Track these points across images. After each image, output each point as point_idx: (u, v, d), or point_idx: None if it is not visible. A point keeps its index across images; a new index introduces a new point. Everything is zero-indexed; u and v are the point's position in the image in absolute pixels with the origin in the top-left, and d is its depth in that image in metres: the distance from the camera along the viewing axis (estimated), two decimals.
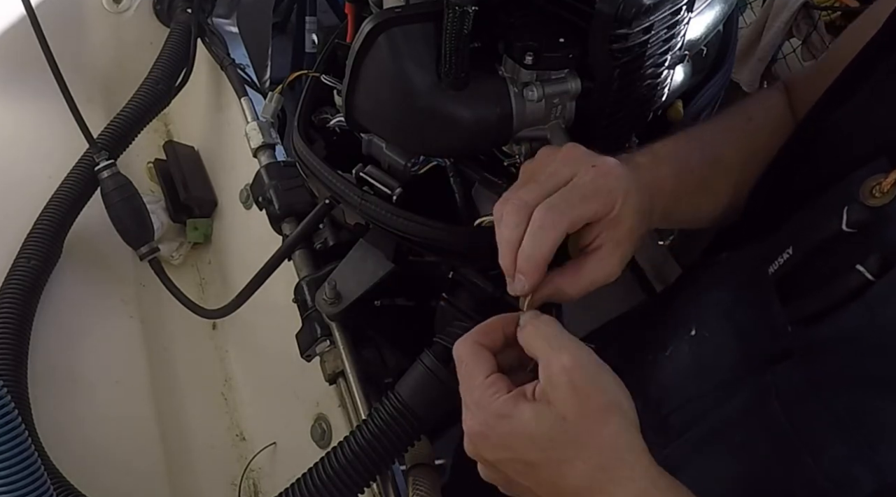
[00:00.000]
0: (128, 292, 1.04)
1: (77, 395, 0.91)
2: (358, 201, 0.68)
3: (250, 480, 0.92)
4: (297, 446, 0.84)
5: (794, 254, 0.52)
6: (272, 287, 0.82)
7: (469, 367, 0.49)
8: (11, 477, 0.55)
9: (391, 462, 0.64)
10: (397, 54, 0.59)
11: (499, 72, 0.61)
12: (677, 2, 0.59)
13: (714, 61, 0.78)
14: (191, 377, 1.01)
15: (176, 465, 0.92)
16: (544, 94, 0.60)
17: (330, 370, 0.76)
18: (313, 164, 0.72)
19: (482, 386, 0.48)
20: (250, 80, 1.09)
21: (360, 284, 0.73)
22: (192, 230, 1.11)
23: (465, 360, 0.50)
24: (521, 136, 0.63)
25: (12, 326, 0.84)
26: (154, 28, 1.18)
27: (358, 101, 0.64)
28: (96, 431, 0.89)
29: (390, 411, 0.62)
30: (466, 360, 0.50)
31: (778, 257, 0.53)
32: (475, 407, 0.48)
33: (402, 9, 0.61)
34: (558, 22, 0.58)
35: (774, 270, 0.54)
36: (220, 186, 1.13)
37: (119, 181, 0.95)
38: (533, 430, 0.45)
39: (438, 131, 0.62)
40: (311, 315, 0.77)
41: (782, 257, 0.53)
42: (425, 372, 0.62)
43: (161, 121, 1.21)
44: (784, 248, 0.53)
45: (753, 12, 1.88)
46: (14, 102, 1.09)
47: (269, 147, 0.96)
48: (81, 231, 0.98)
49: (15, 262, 0.90)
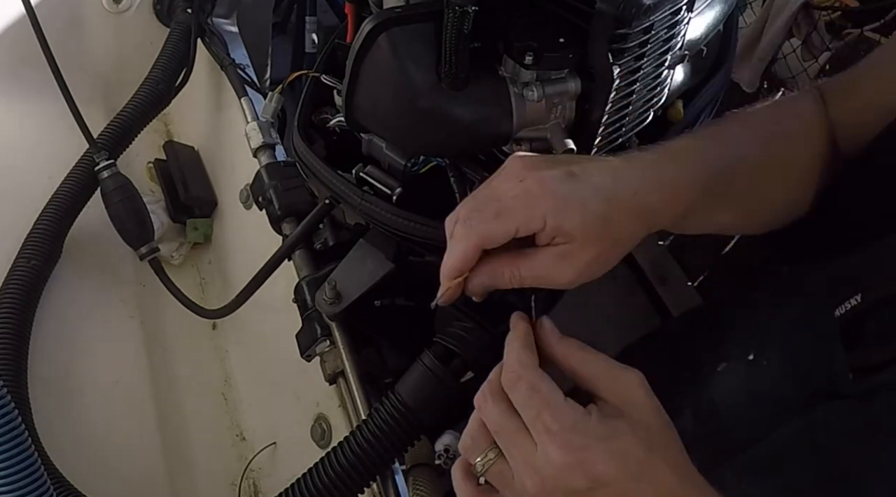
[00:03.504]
0: (128, 292, 1.04)
1: (77, 396, 0.91)
2: (358, 201, 0.68)
3: (250, 480, 0.92)
4: (297, 446, 0.84)
5: (862, 302, 0.51)
6: (272, 287, 0.82)
7: (546, 390, 0.46)
8: (11, 477, 0.55)
9: (391, 462, 0.64)
10: (397, 54, 0.59)
11: (499, 72, 0.61)
12: (677, 2, 0.59)
13: (714, 61, 0.78)
14: (191, 377, 1.01)
15: (176, 465, 0.92)
16: (544, 94, 0.60)
17: (330, 370, 0.76)
18: (313, 164, 0.72)
19: (570, 408, 0.45)
20: (250, 80, 1.09)
21: (360, 284, 0.73)
22: (192, 230, 1.11)
23: (537, 384, 0.46)
24: (521, 136, 0.63)
25: (12, 326, 0.84)
26: (154, 28, 1.18)
27: (358, 101, 0.64)
28: (96, 431, 0.89)
29: (390, 411, 0.62)
30: (538, 385, 0.46)
31: (846, 301, 0.52)
32: (568, 431, 0.44)
33: (402, 9, 0.61)
34: (558, 22, 0.58)
35: (841, 314, 0.53)
36: (220, 186, 1.13)
37: (119, 181, 0.95)
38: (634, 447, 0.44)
39: (438, 131, 0.62)
40: (311, 315, 0.77)
41: (850, 303, 0.52)
42: (425, 372, 0.62)
43: (161, 121, 1.21)
44: (852, 293, 0.52)
45: (753, 12, 1.89)
46: (14, 102, 1.09)
47: (269, 147, 0.96)
48: (81, 231, 0.99)
49: (15, 262, 0.90)
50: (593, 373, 0.47)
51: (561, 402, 0.45)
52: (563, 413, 0.45)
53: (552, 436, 0.44)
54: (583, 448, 0.44)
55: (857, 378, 0.51)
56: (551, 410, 0.45)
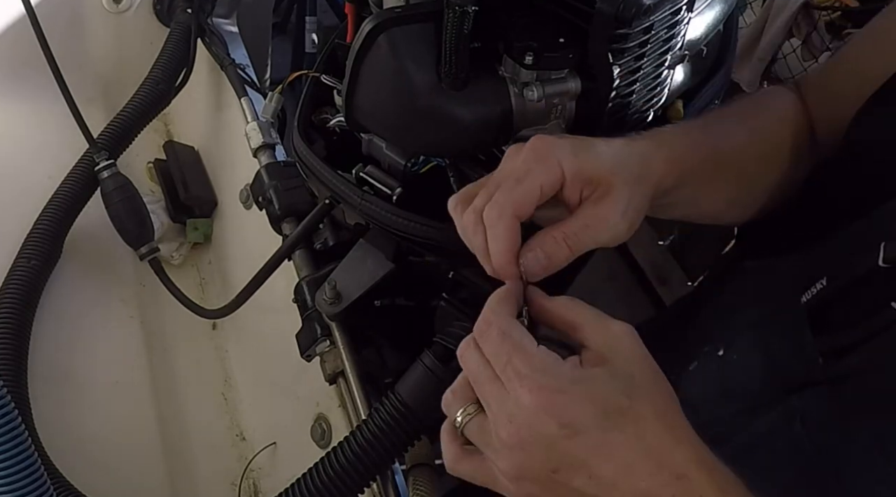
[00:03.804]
0: (128, 292, 1.04)
1: (77, 395, 0.91)
2: (358, 201, 0.68)
3: (250, 480, 0.92)
4: (297, 446, 0.84)
5: (828, 285, 0.52)
6: (272, 287, 0.82)
7: (517, 335, 0.44)
8: (11, 477, 0.55)
9: (391, 462, 0.64)
10: (397, 54, 0.59)
11: (499, 72, 0.61)
12: (677, 2, 0.59)
13: (714, 61, 0.78)
14: (191, 377, 1.01)
15: (176, 465, 0.92)
16: (544, 94, 0.60)
17: (330, 370, 0.76)
18: (313, 164, 0.72)
19: (542, 353, 0.44)
20: (250, 80, 1.09)
21: (360, 284, 0.73)
22: (192, 230, 1.11)
23: (510, 332, 0.44)
24: (522, 135, 0.63)
25: (12, 326, 0.84)
26: (154, 28, 1.18)
27: (358, 101, 0.64)
28: (96, 431, 0.89)
29: (390, 411, 0.62)
30: (512, 332, 0.44)
31: (811, 287, 0.53)
32: (538, 373, 0.42)
33: (402, 9, 0.61)
34: (558, 22, 0.58)
35: (807, 300, 0.53)
36: (220, 186, 1.13)
37: (119, 181, 0.95)
38: (612, 392, 0.42)
39: (438, 131, 0.62)
40: (311, 315, 0.77)
41: (815, 288, 0.52)
42: (425, 372, 0.62)
43: (161, 121, 1.21)
44: (817, 278, 0.53)
45: (753, 12, 1.89)
46: (14, 102, 1.09)
47: (269, 147, 0.96)
48: (81, 231, 0.98)
49: (15, 262, 0.90)
50: (579, 320, 0.46)
51: (533, 347, 0.44)
52: (535, 357, 0.43)
53: (522, 379, 0.42)
54: (555, 390, 0.42)
55: (827, 362, 0.51)
56: (522, 355, 0.43)
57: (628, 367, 0.44)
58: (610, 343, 0.45)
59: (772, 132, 0.63)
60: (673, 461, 0.42)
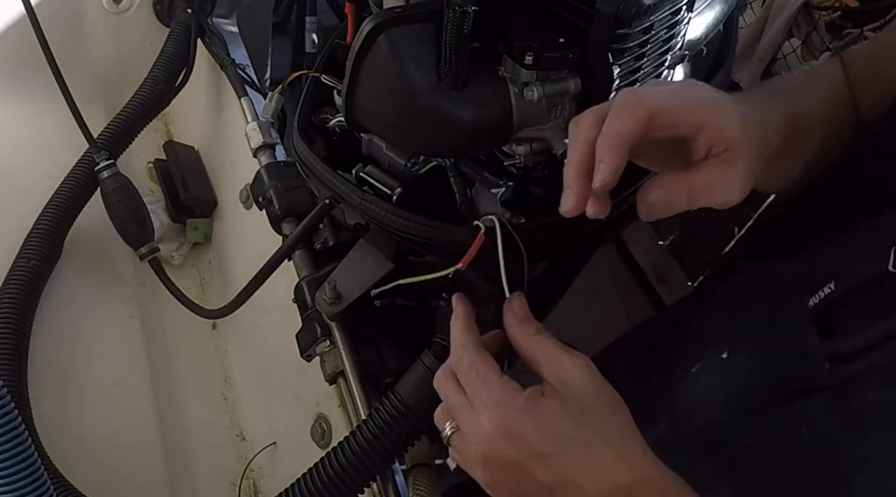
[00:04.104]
0: (128, 292, 1.04)
1: (77, 395, 0.91)
2: (358, 201, 0.68)
3: (250, 480, 0.92)
4: (297, 446, 0.84)
5: (836, 290, 0.52)
6: (272, 287, 0.82)
7: (482, 368, 0.51)
8: (11, 477, 0.55)
9: (391, 462, 0.64)
10: (397, 54, 0.59)
11: (499, 72, 0.61)
12: (677, 2, 0.59)
13: (714, 61, 0.78)
14: (191, 377, 1.01)
15: (176, 465, 0.92)
16: (544, 94, 0.60)
17: (330, 370, 0.76)
18: (313, 164, 0.72)
19: (502, 383, 0.50)
20: (250, 80, 1.09)
21: (360, 284, 0.73)
22: (192, 230, 1.11)
23: (475, 363, 0.51)
24: (521, 136, 0.63)
25: (12, 326, 0.84)
26: (154, 28, 1.18)
27: (358, 101, 0.64)
28: (96, 431, 0.89)
29: (390, 411, 0.62)
30: (476, 364, 0.51)
31: (818, 290, 0.53)
32: (496, 405, 0.49)
33: (402, 9, 0.61)
34: (558, 22, 0.58)
35: (814, 304, 0.53)
36: (220, 186, 1.13)
37: (119, 181, 0.95)
38: (561, 421, 0.48)
39: (438, 131, 0.62)
40: (311, 315, 0.77)
41: (823, 291, 0.52)
42: (425, 372, 0.62)
43: (161, 121, 1.21)
44: (824, 282, 0.52)
45: (753, 12, 1.88)
46: (14, 102, 1.09)
47: (269, 147, 0.96)
48: (81, 231, 0.98)
49: (15, 262, 0.90)
50: (539, 357, 0.51)
51: (496, 379, 0.50)
52: (495, 388, 0.49)
53: (485, 408, 0.49)
54: (509, 420, 0.48)
55: (833, 367, 0.51)
56: (486, 386, 0.50)
57: (580, 397, 0.49)
58: (563, 377, 0.49)
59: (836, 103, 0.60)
60: (619, 482, 0.46)
